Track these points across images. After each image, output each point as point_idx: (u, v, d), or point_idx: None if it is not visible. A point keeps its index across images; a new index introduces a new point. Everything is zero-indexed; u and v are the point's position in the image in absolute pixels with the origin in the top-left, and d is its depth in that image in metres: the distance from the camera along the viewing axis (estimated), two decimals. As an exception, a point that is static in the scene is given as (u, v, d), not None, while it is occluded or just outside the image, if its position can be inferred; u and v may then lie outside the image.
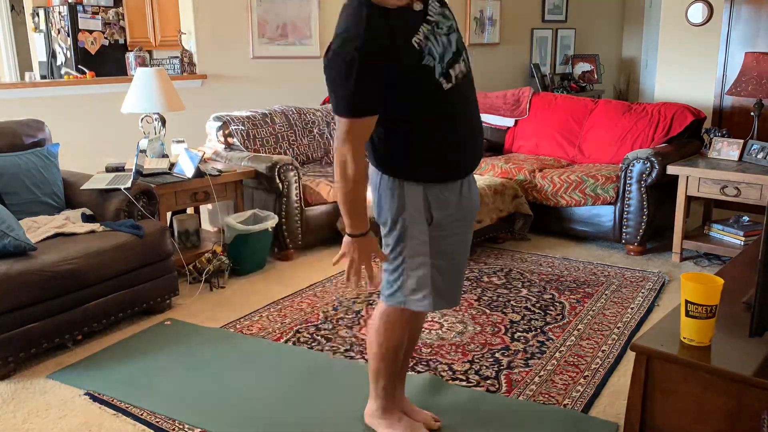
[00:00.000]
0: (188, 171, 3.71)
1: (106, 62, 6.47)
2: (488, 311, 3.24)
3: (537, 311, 3.24)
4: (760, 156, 3.86)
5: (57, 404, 2.45)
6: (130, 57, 5.80)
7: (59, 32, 6.56)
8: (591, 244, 4.33)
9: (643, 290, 3.50)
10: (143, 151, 3.85)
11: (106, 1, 6.68)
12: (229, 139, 4.41)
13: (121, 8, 6.65)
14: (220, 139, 4.42)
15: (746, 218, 4.00)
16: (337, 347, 2.88)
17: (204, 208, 4.50)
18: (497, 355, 2.79)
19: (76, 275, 2.77)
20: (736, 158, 3.96)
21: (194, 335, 3.01)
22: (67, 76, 5.66)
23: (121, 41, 6.71)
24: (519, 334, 2.99)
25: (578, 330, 3.03)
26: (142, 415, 2.36)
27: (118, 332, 3.04)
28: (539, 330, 3.03)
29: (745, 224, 3.94)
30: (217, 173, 3.82)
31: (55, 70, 6.68)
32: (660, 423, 1.68)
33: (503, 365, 2.70)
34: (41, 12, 6.78)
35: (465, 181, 2.02)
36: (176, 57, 5.31)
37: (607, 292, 3.48)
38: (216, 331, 3.06)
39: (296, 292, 3.51)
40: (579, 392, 2.49)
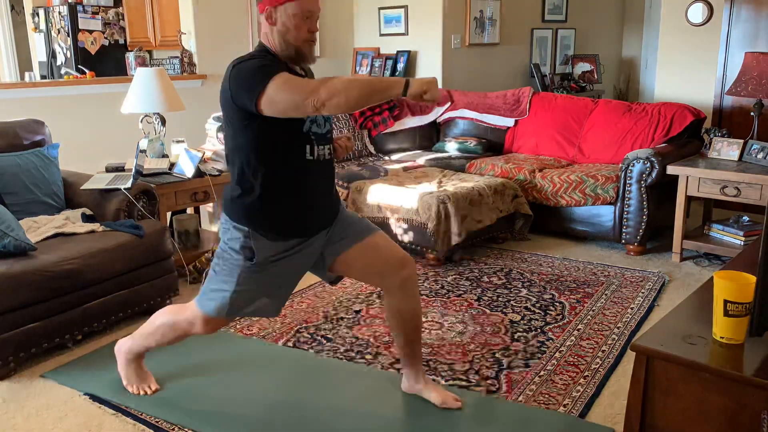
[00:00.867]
0: (188, 171, 3.71)
1: (106, 62, 6.48)
2: (488, 311, 3.24)
3: (537, 311, 3.24)
4: (760, 156, 3.86)
5: (57, 404, 2.45)
6: (130, 57, 5.80)
7: (59, 32, 6.56)
8: (591, 244, 4.33)
9: (643, 290, 3.50)
10: (143, 151, 3.85)
11: (106, 1, 6.68)
12: (229, 139, 4.40)
13: (121, 8, 6.65)
14: (220, 139, 4.42)
15: (746, 218, 4.00)
16: (337, 347, 2.88)
17: (204, 208, 4.50)
18: (497, 355, 2.79)
19: (76, 275, 2.77)
20: (736, 158, 3.96)
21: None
22: (67, 76, 5.66)
23: (121, 41, 6.71)
24: (519, 334, 2.99)
25: (578, 330, 3.03)
26: (141, 415, 2.36)
27: (118, 332, 3.04)
28: (539, 330, 3.03)
29: (745, 224, 3.94)
30: (217, 173, 3.82)
31: (55, 70, 6.68)
32: (660, 423, 1.67)
33: (503, 365, 2.70)
34: (41, 12, 6.78)
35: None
36: (176, 57, 5.32)
37: (607, 292, 3.48)
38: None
39: (296, 292, 3.51)
40: (579, 392, 2.49)
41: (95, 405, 2.44)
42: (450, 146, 5.11)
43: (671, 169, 3.89)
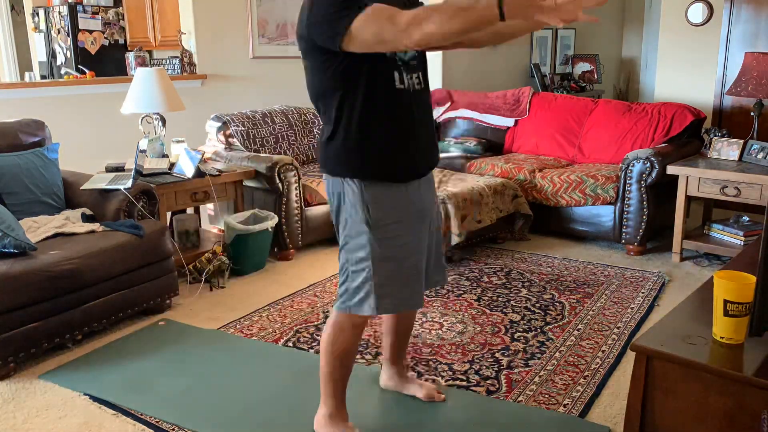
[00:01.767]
0: (188, 171, 3.71)
1: (106, 62, 6.48)
2: (488, 311, 3.24)
3: (537, 311, 3.24)
4: (760, 156, 3.86)
5: (57, 404, 2.44)
6: (130, 57, 5.80)
7: (59, 32, 6.56)
8: (591, 244, 4.33)
9: (643, 290, 3.50)
10: (143, 151, 3.85)
11: (106, 1, 6.68)
12: (229, 139, 4.41)
13: (121, 8, 6.65)
14: (220, 139, 4.42)
15: (746, 218, 4.00)
16: (337, 347, 2.88)
17: (204, 208, 4.50)
18: (497, 355, 2.79)
19: (76, 275, 2.77)
20: (736, 158, 3.96)
21: (188, 336, 3.00)
22: (67, 76, 5.66)
23: (121, 41, 6.71)
24: (519, 334, 2.99)
25: (578, 330, 3.03)
26: (141, 415, 2.36)
27: (118, 332, 3.04)
28: (539, 330, 3.03)
29: (745, 224, 3.94)
30: (217, 173, 3.82)
31: (55, 70, 6.69)
32: (660, 423, 1.67)
33: (503, 365, 2.70)
34: (41, 12, 6.78)
35: (414, 184, 2.00)
36: (176, 57, 5.32)
37: (607, 292, 3.48)
38: (209, 332, 3.05)
39: (296, 292, 3.51)
40: (579, 392, 2.49)
41: (95, 405, 2.44)
42: (450, 146, 5.11)
43: (671, 169, 3.90)
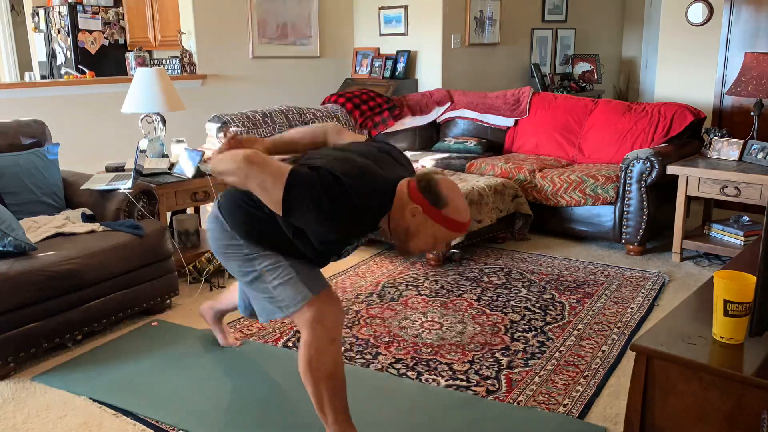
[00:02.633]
0: (188, 171, 3.71)
1: (106, 62, 6.48)
2: (488, 311, 3.24)
3: (537, 311, 3.24)
4: (760, 156, 3.86)
5: (57, 404, 2.45)
6: (130, 57, 5.81)
7: (59, 32, 6.57)
8: (591, 244, 4.33)
9: (643, 290, 3.50)
10: (143, 151, 3.85)
11: (106, 1, 6.68)
12: (229, 139, 4.40)
13: (121, 8, 6.66)
14: (221, 139, 4.42)
15: (746, 218, 4.00)
16: (337, 347, 2.88)
17: (204, 208, 4.50)
18: (497, 355, 2.79)
19: (76, 275, 2.77)
20: (736, 158, 3.96)
21: (180, 337, 2.99)
22: (67, 76, 5.67)
23: (121, 41, 6.72)
24: (519, 334, 2.99)
25: (578, 330, 3.03)
26: (141, 415, 2.36)
27: (118, 332, 3.04)
28: (539, 330, 3.03)
29: (745, 224, 3.94)
30: (217, 173, 3.81)
31: (55, 70, 6.69)
32: (660, 423, 1.67)
33: (503, 365, 2.70)
34: (41, 12, 6.78)
35: None
36: (176, 57, 5.32)
37: (607, 292, 3.48)
38: (202, 332, 3.03)
39: (296, 292, 3.50)
40: (579, 392, 2.49)
41: (95, 405, 2.44)
42: (450, 146, 5.11)
43: (671, 169, 3.89)
